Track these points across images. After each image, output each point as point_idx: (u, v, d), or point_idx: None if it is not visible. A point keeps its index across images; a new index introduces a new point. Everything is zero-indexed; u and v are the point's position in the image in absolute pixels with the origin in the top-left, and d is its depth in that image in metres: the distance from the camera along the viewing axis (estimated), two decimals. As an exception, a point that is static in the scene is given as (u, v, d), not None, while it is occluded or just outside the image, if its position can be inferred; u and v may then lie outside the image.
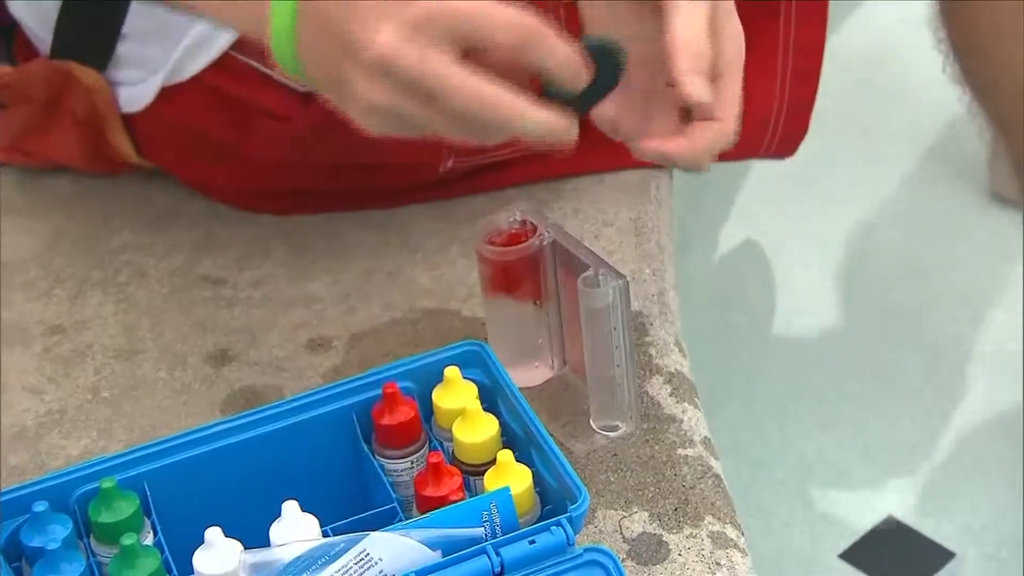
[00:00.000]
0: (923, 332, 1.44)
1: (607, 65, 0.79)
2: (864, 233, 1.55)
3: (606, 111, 0.84)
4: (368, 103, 0.77)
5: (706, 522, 0.90)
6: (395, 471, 0.84)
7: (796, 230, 1.55)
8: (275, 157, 1.08)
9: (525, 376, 0.93)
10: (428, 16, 0.75)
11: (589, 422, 0.91)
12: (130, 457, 0.82)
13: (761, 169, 1.55)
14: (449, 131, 0.78)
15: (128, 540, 0.76)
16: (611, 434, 0.91)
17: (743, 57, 0.84)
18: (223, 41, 1.03)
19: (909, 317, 1.46)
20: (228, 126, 1.06)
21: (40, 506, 0.78)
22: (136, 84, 1.07)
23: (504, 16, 0.75)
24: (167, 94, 1.06)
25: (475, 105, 0.76)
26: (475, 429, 0.82)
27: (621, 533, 0.89)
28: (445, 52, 0.75)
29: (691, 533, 0.89)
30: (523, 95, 0.76)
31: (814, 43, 1.11)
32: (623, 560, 0.88)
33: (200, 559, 0.76)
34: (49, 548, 0.77)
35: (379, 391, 0.84)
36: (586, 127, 0.88)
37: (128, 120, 1.09)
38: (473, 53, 0.76)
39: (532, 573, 0.76)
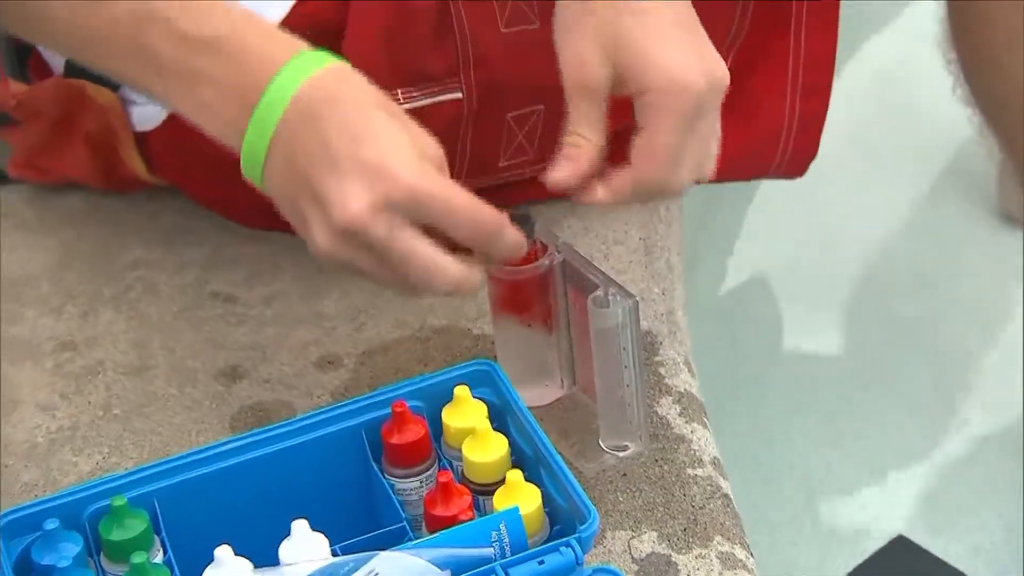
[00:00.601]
0: (932, 348, 1.44)
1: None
2: (874, 251, 1.55)
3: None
4: (321, 250, 0.81)
5: (715, 542, 0.90)
6: (404, 490, 0.83)
7: (805, 248, 1.55)
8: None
9: (534, 395, 0.93)
10: (404, 197, 0.79)
11: (598, 442, 0.91)
12: (140, 475, 0.81)
13: (770, 188, 1.55)
14: (389, 284, 0.83)
15: (138, 558, 0.76)
16: (620, 454, 0.90)
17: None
18: None
19: (918, 333, 1.45)
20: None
21: (51, 524, 0.78)
22: (148, 103, 1.07)
23: (468, 213, 0.80)
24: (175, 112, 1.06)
25: (424, 275, 0.80)
26: (484, 448, 0.82)
27: (630, 553, 0.89)
28: (409, 228, 0.80)
29: (700, 553, 0.89)
30: (467, 263, 0.82)
31: (824, 58, 1.10)
32: (632, 580, 0.87)
33: (209, 578, 0.76)
34: (60, 566, 0.77)
35: (388, 410, 0.83)
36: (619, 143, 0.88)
37: (140, 138, 1.09)
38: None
39: (541, 593, 0.76)
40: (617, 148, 0.87)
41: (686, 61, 0.84)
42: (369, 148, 0.79)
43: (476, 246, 0.82)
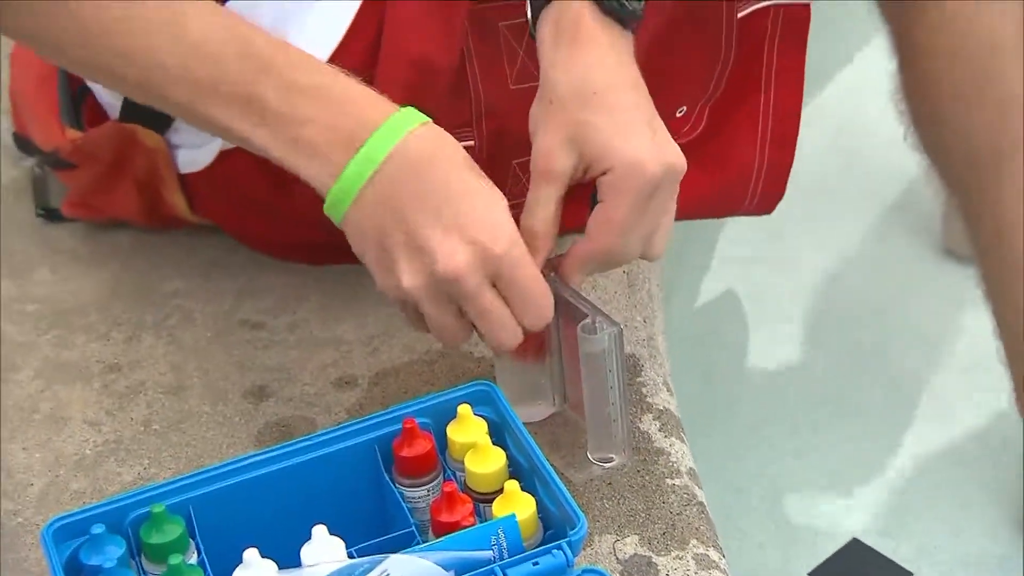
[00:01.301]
0: (884, 370, 1.43)
1: None
2: (831, 282, 1.55)
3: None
4: (402, 289, 0.81)
5: (691, 545, 0.89)
6: (413, 498, 0.83)
7: (771, 279, 1.55)
8: (312, 215, 1.08)
9: (529, 413, 0.92)
10: (497, 258, 0.79)
11: (586, 454, 0.90)
12: (177, 485, 0.81)
13: (739, 224, 1.55)
14: (440, 329, 0.83)
15: (175, 560, 0.75)
16: (606, 465, 0.90)
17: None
18: None
19: (871, 357, 1.45)
20: (273, 188, 1.06)
21: (97, 528, 0.78)
22: (195, 147, 1.07)
23: (539, 291, 0.82)
24: (221, 157, 1.06)
25: (495, 329, 0.81)
26: (485, 461, 0.82)
27: (615, 555, 0.89)
28: (491, 286, 0.80)
29: (678, 555, 0.89)
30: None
31: (790, 112, 1.11)
32: (616, 579, 0.87)
33: (238, 578, 0.76)
34: (105, 567, 0.76)
35: (399, 426, 0.83)
36: (586, 188, 0.88)
37: (183, 179, 1.09)
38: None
39: (535, 592, 0.75)
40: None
41: (646, 149, 0.84)
42: (471, 208, 0.79)
43: (520, 315, 0.82)
